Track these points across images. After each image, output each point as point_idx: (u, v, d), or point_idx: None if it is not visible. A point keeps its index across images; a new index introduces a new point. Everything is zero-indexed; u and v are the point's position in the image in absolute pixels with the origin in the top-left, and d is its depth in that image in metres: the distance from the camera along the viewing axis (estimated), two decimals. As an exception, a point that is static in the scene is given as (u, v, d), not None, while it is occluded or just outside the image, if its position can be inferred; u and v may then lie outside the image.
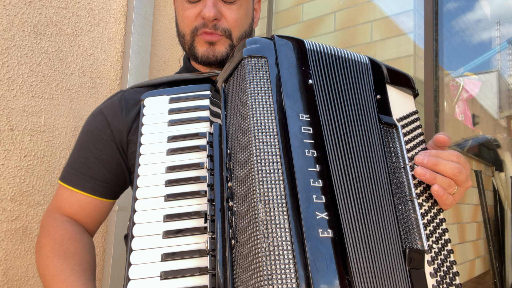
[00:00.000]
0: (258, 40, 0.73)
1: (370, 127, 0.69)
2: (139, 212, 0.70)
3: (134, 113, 0.91)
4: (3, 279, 1.23)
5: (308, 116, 0.64)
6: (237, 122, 0.68)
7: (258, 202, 0.57)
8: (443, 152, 0.70)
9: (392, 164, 0.68)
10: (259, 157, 0.60)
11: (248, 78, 0.68)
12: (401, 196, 0.66)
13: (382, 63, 0.78)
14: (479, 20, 2.94)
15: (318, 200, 0.57)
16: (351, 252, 0.56)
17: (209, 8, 0.88)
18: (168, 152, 0.76)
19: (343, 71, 0.73)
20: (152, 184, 0.73)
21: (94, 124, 0.92)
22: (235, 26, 0.91)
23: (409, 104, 0.79)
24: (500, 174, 2.90)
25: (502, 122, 3.31)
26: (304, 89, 0.67)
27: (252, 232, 0.56)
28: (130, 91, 0.96)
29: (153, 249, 0.67)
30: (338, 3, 2.26)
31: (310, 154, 0.61)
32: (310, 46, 0.73)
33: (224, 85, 0.76)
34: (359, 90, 0.72)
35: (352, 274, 0.54)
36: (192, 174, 0.73)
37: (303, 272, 0.52)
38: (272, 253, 0.53)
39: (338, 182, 0.60)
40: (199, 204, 0.70)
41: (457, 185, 0.70)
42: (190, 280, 0.63)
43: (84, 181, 0.89)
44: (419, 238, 0.63)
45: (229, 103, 0.73)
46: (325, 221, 0.56)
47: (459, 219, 2.32)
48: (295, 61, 0.70)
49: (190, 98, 0.84)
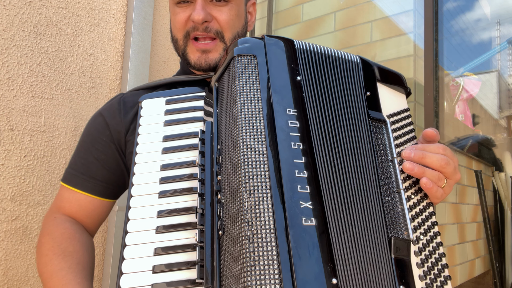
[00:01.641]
0: (249, 40, 0.76)
1: (358, 122, 0.71)
2: (134, 209, 0.72)
3: (132, 114, 0.93)
4: (3, 279, 1.23)
5: (296, 110, 0.67)
6: (226, 118, 0.70)
7: (244, 192, 0.59)
8: (429, 146, 0.71)
9: (380, 158, 0.70)
10: (245, 150, 0.62)
11: (237, 76, 0.71)
12: (389, 188, 0.67)
13: (374, 63, 0.80)
14: (479, 20, 2.94)
15: (302, 190, 0.59)
16: (335, 240, 0.57)
17: (197, 11, 0.87)
18: (163, 151, 0.78)
19: (332, 69, 0.75)
20: (146, 182, 0.75)
21: (94, 126, 0.94)
22: (227, 27, 0.91)
23: (401, 102, 0.80)
24: (500, 174, 2.90)
25: (502, 122, 3.31)
26: (292, 85, 0.70)
27: (238, 221, 0.58)
28: (129, 93, 0.98)
29: (146, 244, 0.68)
30: (338, 3, 2.26)
31: (296, 146, 0.63)
32: (299, 45, 0.75)
33: (217, 84, 0.79)
34: (349, 87, 0.74)
35: (336, 261, 0.55)
36: (185, 172, 0.75)
37: (285, 259, 0.53)
38: (256, 240, 0.55)
39: (324, 173, 0.62)
40: (191, 201, 0.72)
41: (446, 178, 0.70)
42: (181, 273, 0.65)
43: (84, 181, 0.90)
44: (405, 228, 0.64)
45: (220, 101, 0.76)
46: (309, 210, 0.58)
47: (459, 219, 2.32)
48: (284, 59, 0.73)
49: (186, 100, 0.86)
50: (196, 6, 0.88)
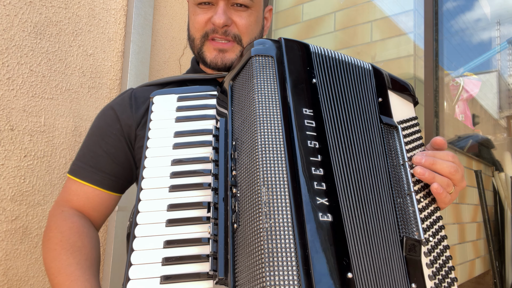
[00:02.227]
0: (266, 42, 0.78)
1: (371, 125, 0.73)
2: (144, 201, 0.73)
3: (143, 110, 0.93)
4: (3, 279, 1.23)
5: (312, 111, 0.68)
6: (243, 115, 0.72)
7: (262, 186, 0.60)
8: (439, 152, 0.73)
9: (391, 161, 0.71)
10: (264, 145, 0.64)
11: (255, 75, 0.72)
12: (400, 190, 0.69)
13: (384, 71, 0.83)
14: (479, 20, 2.94)
15: (319, 186, 0.60)
16: (350, 236, 0.58)
17: (219, 15, 0.89)
18: (175, 146, 0.79)
19: (346, 74, 0.77)
20: (157, 176, 0.76)
21: (104, 119, 0.95)
22: (245, 32, 0.93)
23: (409, 110, 0.83)
24: (500, 174, 2.90)
25: (502, 122, 3.31)
26: (308, 87, 0.72)
27: (255, 214, 0.59)
28: (140, 89, 0.99)
29: (156, 236, 0.69)
30: (338, 3, 2.26)
31: (312, 145, 0.64)
32: (315, 49, 0.77)
33: (232, 83, 0.80)
34: (361, 91, 0.76)
35: (351, 256, 0.57)
36: (196, 167, 0.76)
37: (303, 252, 0.54)
38: (274, 233, 0.56)
39: (339, 171, 0.64)
40: (202, 196, 0.73)
41: (453, 185, 0.73)
42: (191, 266, 0.65)
43: (92, 173, 0.90)
44: (416, 229, 0.66)
45: (235, 99, 0.77)
46: (325, 206, 0.59)
47: (459, 219, 2.32)
48: (300, 62, 0.74)
49: (198, 97, 0.87)
50: (218, 10, 0.90)
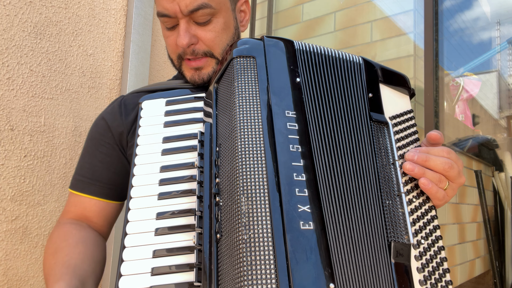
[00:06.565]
0: (248, 41, 0.75)
1: (359, 124, 0.70)
2: (133, 210, 0.72)
3: (133, 116, 0.93)
4: (3, 279, 1.23)
5: (295, 113, 0.66)
6: (225, 120, 0.70)
7: (241, 196, 0.58)
8: (434, 148, 0.70)
9: (381, 160, 0.69)
10: (244, 153, 0.62)
11: (236, 78, 0.70)
12: (389, 191, 0.66)
13: (377, 64, 0.79)
14: (479, 20, 2.94)
15: (300, 193, 0.58)
16: (333, 245, 0.56)
17: (181, 37, 0.85)
18: (163, 153, 0.78)
19: (333, 70, 0.74)
20: (146, 183, 0.75)
21: (96, 130, 0.95)
22: (214, 45, 0.88)
23: (404, 103, 0.79)
24: (500, 174, 2.90)
25: (502, 122, 3.31)
26: (291, 87, 0.69)
27: (235, 225, 0.57)
28: (130, 95, 0.99)
29: (145, 246, 0.68)
30: (338, 3, 2.26)
31: (294, 149, 0.62)
32: (299, 46, 0.74)
33: (216, 86, 0.78)
34: (350, 88, 0.73)
35: (334, 266, 0.54)
36: (185, 173, 0.75)
37: (283, 263, 0.53)
38: (253, 244, 0.54)
39: (323, 176, 0.62)
40: (190, 202, 0.71)
41: (450, 181, 0.69)
42: (179, 276, 0.65)
43: (90, 185, 0.91)
44: (405, 232, 0.63)
45: (220, 102, 0.75)
46: (307, 214, 0.57)
47: (459, 219, 2.32)
48: (284, 60, 0.72)
49: (186, 101, 0.86)
50: (180, 31, 0.86)
